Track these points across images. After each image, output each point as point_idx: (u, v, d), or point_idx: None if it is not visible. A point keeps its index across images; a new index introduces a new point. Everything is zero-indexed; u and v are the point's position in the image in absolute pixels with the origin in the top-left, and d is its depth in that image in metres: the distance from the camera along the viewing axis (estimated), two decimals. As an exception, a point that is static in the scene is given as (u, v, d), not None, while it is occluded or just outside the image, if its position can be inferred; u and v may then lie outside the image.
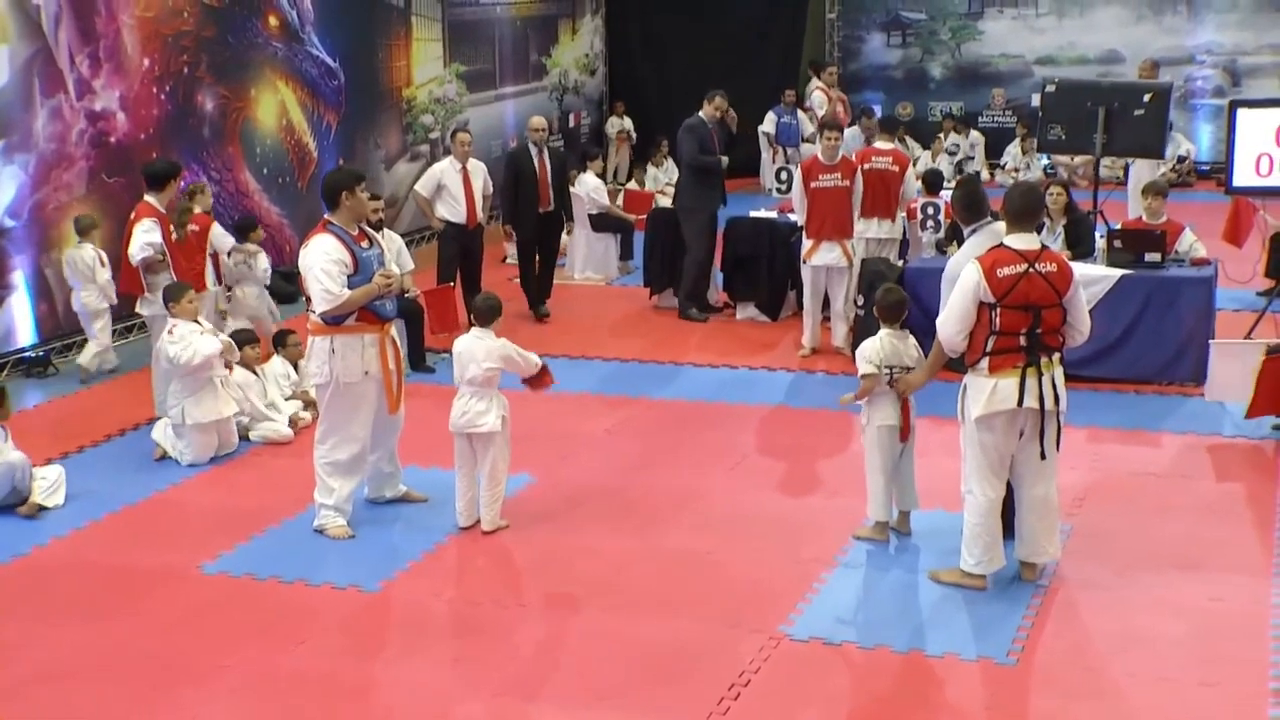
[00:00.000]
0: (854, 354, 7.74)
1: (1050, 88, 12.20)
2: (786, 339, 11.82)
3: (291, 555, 7.45)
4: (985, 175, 20.29)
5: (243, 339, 9.67)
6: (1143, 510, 7.82)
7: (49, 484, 8.31)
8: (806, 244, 11.32)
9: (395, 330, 7.93)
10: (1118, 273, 10.14)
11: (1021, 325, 6.53)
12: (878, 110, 21.64)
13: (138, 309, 10.11)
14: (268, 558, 7.42)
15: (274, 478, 8.68)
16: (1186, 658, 6.16)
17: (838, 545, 7.45)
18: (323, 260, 7.41)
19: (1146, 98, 11.67)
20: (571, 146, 19.29)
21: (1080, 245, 10.91)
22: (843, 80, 21.87)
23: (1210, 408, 9.44)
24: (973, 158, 20.66)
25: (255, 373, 9.62)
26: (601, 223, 14.59)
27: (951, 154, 20.75)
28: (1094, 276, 10.14)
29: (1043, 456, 6.71)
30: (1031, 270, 6.50)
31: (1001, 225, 6.84)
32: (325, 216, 7.66)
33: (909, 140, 21.09)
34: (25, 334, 11.22)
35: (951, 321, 6.61)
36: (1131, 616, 6.59)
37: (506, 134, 18.36)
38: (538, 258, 12.92)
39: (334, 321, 7.52)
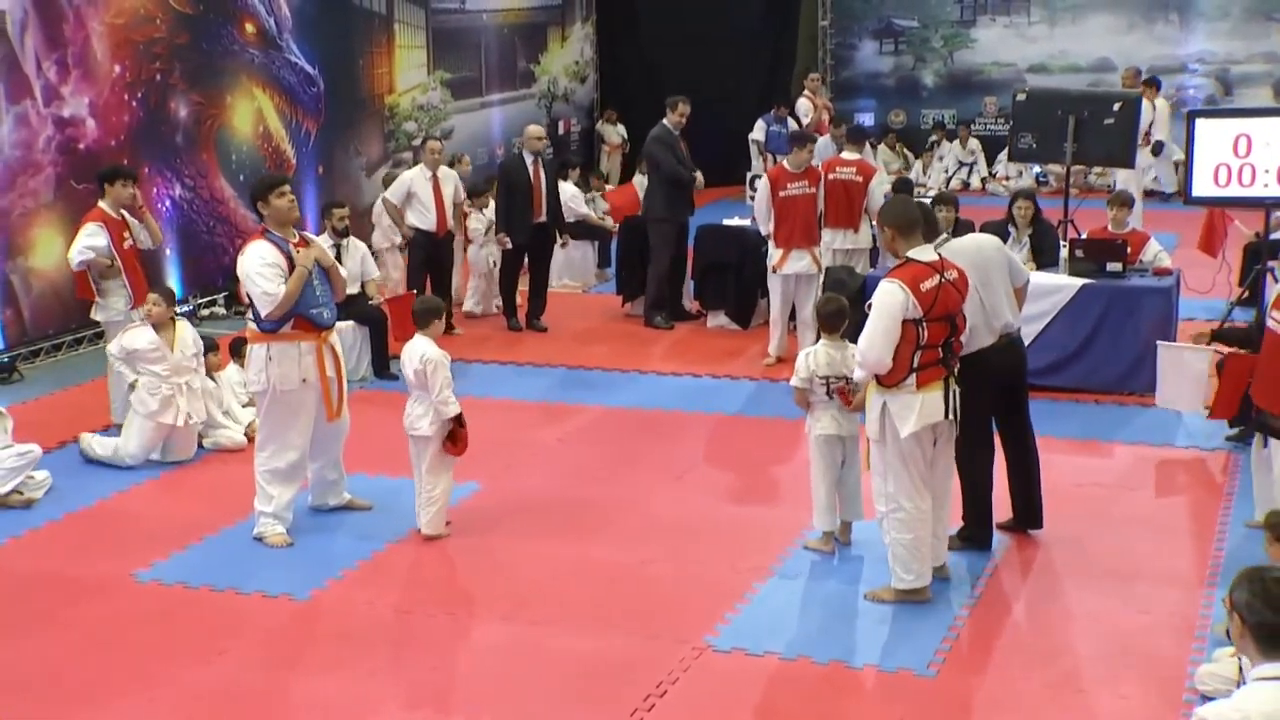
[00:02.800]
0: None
1: (1021, 96, 12.17)
2: (754, 347, 11.79)
3: (227, 564, 7.44)
4: (976, 184, 20.28)
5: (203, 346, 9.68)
6: (1083, 521, 7.77)
7: (36, 483, 8.45)
8: (776, 253, 11.27)
9: (336, 338, 7.90)
10: (1078, 282, 10.09)
11: (941, 336, 6.55)
12: (870, 119, 21.72)
13: (93, 314, 10.09)
14: (203, 566, 7.41)
15: (222, 485, 8.67)
16: (1107, 670, 6.11)
17: (776, 555, 7.42)
18: (258, 265, 7.44)
19: (1116, 107, 11.63)
20: (561, 154, 19.28)
21: (1045, 255, 10.87)
22: (835, 88, 21.88)
23: (1165, 418, 9.40)
24: (971, 164, 20.62)
25: (213, 379, 9.62)
26: (578, 230, 14.57)
27: (941, 159, 20.72)
28: (1054, 286, 10.11)
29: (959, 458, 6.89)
30: (942, 280, 6.51)
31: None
32: (262, 225, 7.68)
33: (905, 150, 21.12)
34: (-10, 340, 11.27)
35: (878, 345, 6.48)
36: (1058, 628, 6.56)
37: (493, 141, 18.37)
38: (529, 271, 12.70)
39: (270, 329, 7.52)
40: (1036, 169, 19.29)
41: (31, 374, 11.31)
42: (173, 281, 12.86)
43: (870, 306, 6.64)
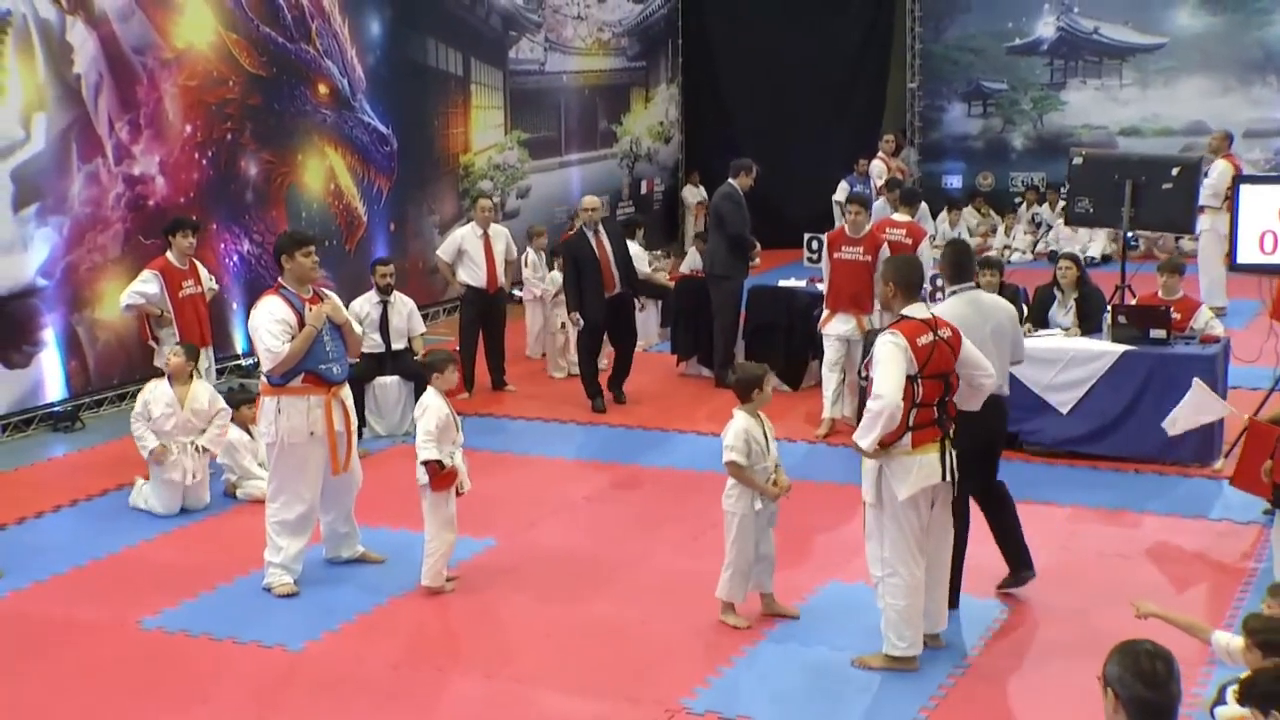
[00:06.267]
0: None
1: (1078, 160, 12.02)
2: (803, 408, 11.71)
3: (232, 613, 7.58)
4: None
5: (238, 399, 9.91)
6: (1095, 593, 7.58)
7: None
8: (825, 313, 11.26)
9: (347, 393, 8.02)
10: (1119, 349, 9.90)
11: (936, 395, 6.49)
12: (958, 181, 21.60)
13: (155, 361, 10.41)
14: (208, 615, 7.55)
15: (245, 535, 8.79)
16: (1082, 748, 5.95)
17: (773, 619, 7.35)
18: (267, 321, 7.62)
19: (1174, 171, 11.42)
20: (644, 213, 19.43)
21: (1090, 320, 10.69)
22: (923, 149, 21.79)
23: (1203, 490, 9.17)
24: (1053, 227, 20.36)
25: (249, 432, 9.81)
26: (641, 289, 14.62)
27: (1038, 224, 20.45)
28: (1095, 352, 9.94)
29: (965, 525, 6.78)
30: (936, 338, 6.45)
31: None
32: (278, 280, 7.86)
33: (991, 211, 20.92)
34: (55, 389, 11.60)
35: (892, 382, 6.34)
36: (1042, 702, 6.42)
37: (572, 200, 18.54)
38: (615, 345, 12.37)
39: (279, 383, 7.68)
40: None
41: (93, 423, 11.64)
42: (238, 335, 13.19)
43: (867, 366, 6.64)
